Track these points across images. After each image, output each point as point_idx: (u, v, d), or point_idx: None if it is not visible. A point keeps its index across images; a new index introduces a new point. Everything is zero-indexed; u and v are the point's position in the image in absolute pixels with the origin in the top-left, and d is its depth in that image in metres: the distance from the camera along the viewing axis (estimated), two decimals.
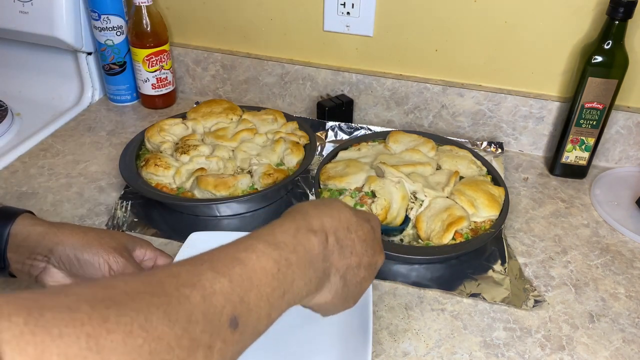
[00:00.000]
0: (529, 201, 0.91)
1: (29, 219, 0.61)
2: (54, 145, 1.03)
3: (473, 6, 0.95)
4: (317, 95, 1.12)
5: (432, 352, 0.65)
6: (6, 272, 0.61)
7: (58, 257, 0.59)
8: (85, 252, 0.59)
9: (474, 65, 1.01)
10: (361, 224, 0.51)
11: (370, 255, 0.51)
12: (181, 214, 0.86)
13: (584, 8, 0.90)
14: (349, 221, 0.50)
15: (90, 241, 0.60)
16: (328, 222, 0.48)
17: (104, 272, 0.60)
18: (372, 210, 0.78)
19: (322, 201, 0.52)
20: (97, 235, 0.61)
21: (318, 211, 0.49)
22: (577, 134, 0.93)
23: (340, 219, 0.50)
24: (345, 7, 1.02)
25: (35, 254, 0.59)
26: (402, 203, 0.80)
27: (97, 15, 1.07)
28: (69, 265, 0.59)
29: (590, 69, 0.86)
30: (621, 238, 0.84)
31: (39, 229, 0.60)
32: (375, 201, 0.79)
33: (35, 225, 0.60)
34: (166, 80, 1.14)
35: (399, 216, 0.79)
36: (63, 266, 0.59)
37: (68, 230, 0.60)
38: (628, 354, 0.65)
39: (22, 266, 0.59)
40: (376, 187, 0.80)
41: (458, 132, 1.07)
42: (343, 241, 0.49)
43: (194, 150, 0.90)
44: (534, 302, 0.71)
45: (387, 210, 0.78)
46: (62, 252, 0.59)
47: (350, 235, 0.50)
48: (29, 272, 0.60)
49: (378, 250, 0.53)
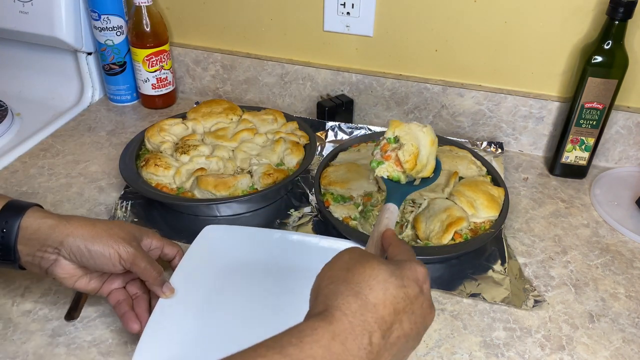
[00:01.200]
0: (528, 201, 0.91)
1: (38, 212, 0.62)
2: (54, 145, 1.03)
3: (473, 6, 0.95)
4: (317, 95, 1.12)
5: (432, 352, 0.65)
6: (16, 264, 0.62)
7: (69, 249, 0.60)
8: (95, 243, 0.60)
9: (474, 65, 1.01)
10: (408, 295, 0.44)
11: (420, 324, 0.46)
12: (181, 214, 0.86)
13: (584, 8, 0.90)
14: (395, 299, 0.43)
15: (100, 232, 0.61)
16: (371, 315, 0.42)
17: (114, 262, 0.61)
18: (400, 157, 0.69)
19: (358, 276, 0.44)
20: (106, 226, 0.62)
21: (358, 301, 0.42)
22: (577, 134, 0.93)
23: (385, 302, 0.43)
24: (345, 7, 1.02)
25: (45, 246, 0.60)
26: (431, 149, 0.69)
27: (97, 15, 1.07)
28: (79, 257, 0.60)
29: (590, 69, 0.86)
30: (621, 238, 0.84)
31: (49, 221, 0.61)
32: (402, 147, 0.68)
33: (45, 218, 0.61)
34: (166, 80, 1.14)
35: (429, 164, 0.70)
36: (74, 257, 0.60)
37: (77, 222, 0.61)
38: (628, 354, 0.65)
39: (33, 259, 0.60)
40: (401, 132, 0.70)
41: (458, 132, 1.07)
42: (391, 332, 0.43)
43: (194, 150, 0.90)
44: (534, 302, 0.71)
45: (417, 157, 0.68)
46: (73, 244, 0.60)
47: (399, 317, 0.43)
48: (39, 265, 0.61)
49: (428, 312, 0.47)
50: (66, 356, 0.63)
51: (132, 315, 0.64)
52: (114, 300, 0.65)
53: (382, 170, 0.69)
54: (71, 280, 0.62)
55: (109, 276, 0.66)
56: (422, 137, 0.69)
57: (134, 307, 0.65)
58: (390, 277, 0.44)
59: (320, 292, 0.45)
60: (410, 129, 0.70)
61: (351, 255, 0.48)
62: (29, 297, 0.70)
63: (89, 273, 0.64)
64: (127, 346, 0.64)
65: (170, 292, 0.65)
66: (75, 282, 0.63)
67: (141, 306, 0.65)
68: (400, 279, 0.45)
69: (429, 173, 0.70)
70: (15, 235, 0.60)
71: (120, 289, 0.66)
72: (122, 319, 0.64)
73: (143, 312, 0.64)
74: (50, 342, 0.65)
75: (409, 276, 0.46)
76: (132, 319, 0.63)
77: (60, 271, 0.61)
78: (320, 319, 0.41)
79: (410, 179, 0.70)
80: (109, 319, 0.67)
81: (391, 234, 0.57)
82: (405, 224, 0.80)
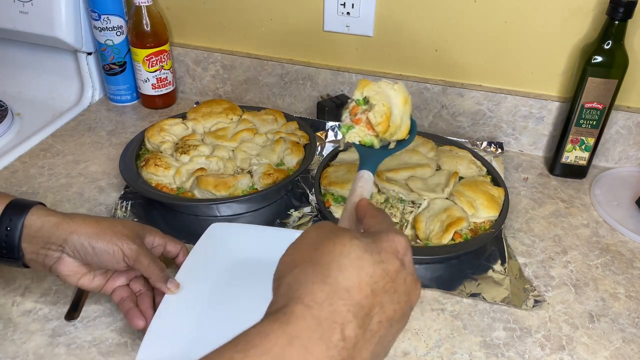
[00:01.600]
0: (529, 201, 0.91)
1: (42, 210, 0.62)
2: (54, 145, 1.03)
3: (473, 6, 0.95)
4: (317, 95, 1.12)
5: (432, 352, 0.65)
6: (20, 262, 0.62)
7: (72, 246, 0.60)
8: (99, 240, 0.60)
9: (474, 65, 1.01)
10: (387, 271, 0.38)
11: (405, 303, 0.40)
12: (181, 214, 0.86)
13: (584, 8, 0.90)
14: (372, 278, 0.37)
15: (104, 229, 0.61)
16: (344, 303, 0.35)
17: (118, 259, 0.61)
18: (370, 120, 0.62)
19: (327, 255, 0.38)
20: (109, 223, 0.63)
21: (326, 287, 0.35)
22: (577, 134, 0.93)
23: (361, 284, 0.36)
24: (345, 7, 1.02)
25: (49, 244, 0.60)
26: (404, 108, 0.64)
27: (97, 15, 1.07)
28: (83, 254, 0.61)
29: (590, 69, 0.86)
30: (621, 238, 0.84)
31: (52, 219, 0.61)
32: (373, 109, 0.62)
33: (48, 216, 0.61)
34: (166, 80, 1.14)
35: (403, 124, 0.64)
36: (78, 255, 0.61)
37: (81, 219, 0.62)
38: (628, 354, 0.65)
39: (37, 256, 0.61)
40: (370, 92, 0.63)
41: (458, 132, 1.07)
42: (370, 319, 0.37)
43: (194, 150, 0.90)
44: (534, 302, 0.71)
45: (389, 117, 0.62)
46: (77, 241, 0.60)
47: (378, 300, 0.37)
48: (43, 262, 0.61)
49: (413, 287, 0.41)
50: (66, 356, 0.63)
51: (137, 312, 0.64)
52: (117, 297, 0.65)
53: (353, 135, 0.63)
54: (75, 277, 0.63)
55: (112, 273, 0.66)
56: (394, 96, 0.63)
57: (138, 304, 0.65)
58: (364, 253, 0.38)
59: (282, 282, 0.38)
60: (380, 87, 0.64)
61: (319, 232, 0.41)
62: (29, 297, 0.70)
63: (92, 270, 0.64)
64: (127, 346, 0.64)
65: (176, 288, 0.65)
66: (79, 279, 0.63)
67: (145, 303, 0.65)
68: (377, 254, 0.39)
69: (403, 135, 0.65)
70: (19, 233, 0.60)
71: (124, 286, 0.66)
72: (126, 315, 0.64)
73: (147, 309, 0.65)
74: (50, 342, 0.65)
75: (387, 249, 0.40)
76: (136, 315, 0.63)
77: (64, 269, 0.61)
78: (274, 319, 0.35)
79: (384, 142, 0.65)
80: (109, 319, 0.67)
81: (366, 204, 0.50)
82: (405, 224, 0.80)
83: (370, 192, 0.56)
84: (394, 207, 0.81)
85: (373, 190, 0.83)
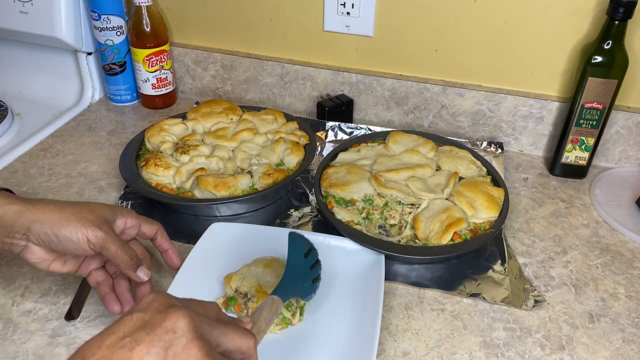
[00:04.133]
0: (528, 201, 0.91)
1: (4, 198, 0.60)
2: (54, 145, 1.03)
3: (473, 6, 0.95)
4: (317, 95, 1.12)
5: (432, 352, 0.65)
6: None
7: (36, 235, 0.58)
8: (62, 228, 0.58)
9: (474, 65, 1.01)
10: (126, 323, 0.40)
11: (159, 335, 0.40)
12: (181, 214, 0.86)
13: (584, 8, 0.90)
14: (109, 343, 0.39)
15: (68, 216, 0.59)
16: None
17: (84, 247, 0.59)
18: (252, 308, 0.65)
19: None
20: (74, 209, 0.60)
21: None
22: (577, 134, 0.93)
23: None
24: (345, 7, 1.02)
25: (13, 233, 0.58)
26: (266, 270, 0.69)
27: (97, 15, 1.07)
28: (48, 242, 0.59)
29: (590, 69, 0.86)
30: (621, 238, 0.84)
31: (14, 207, 0.59)
32: (249, 298, 0.67)
33: (10, 204, 0.59)
34: (166, 80, 1.14)
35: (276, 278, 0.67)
36: (42, 243, 0.59)
37: (44, 206, 0.59)
38: (628, 354, 0.65)
39: (3, 245, 0.59)
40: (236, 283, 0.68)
41: (458, 132, 1.07)
42: None
43: (194, 150, 0.90)
44: (534, 302, 0.71)
45: (262, 289, 0.66)
46: (40, 230, 0.58)
47: None
48: (10, 251, 0.59)
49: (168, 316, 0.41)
50: (66, 356, 0.63)
51: (113, 297, 0.62)
52: (93, 281, 0.64)
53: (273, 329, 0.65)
54: (44, 264, 0.61)
55: (84, 257, 0.64)
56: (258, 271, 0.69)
57: (115, 287, 0.64)
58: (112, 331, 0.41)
59: None
60: (242, 272, 0.69)
61: None
62: (29, 297, 0.70)
63: (62, 256, 0.62)
64: None
65: (146, 276, 0.62)
66: (49, 265, 0.61)
67: (121, 285, 0.64)
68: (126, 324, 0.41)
69: None
70: None
71: (100, 268, 0.64)
72: (102, 301, 0.62)
73: (124, 292, 0.63)
74: (50, 342, 0.65)
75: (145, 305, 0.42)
76: (111, 300, 0.62)
77: (32, 256, 0.60)
78: None
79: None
80: (109, 319, 0.67)
81: None
82: (405, 225, 0.80)
83: None
84: (393, 209, 0.81)
85: (372, 193, 0.83)
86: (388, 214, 0.81)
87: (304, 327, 0.65)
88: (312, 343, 0.63)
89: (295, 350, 0.62)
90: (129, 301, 0.63)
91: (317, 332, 0.64)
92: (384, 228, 0.81)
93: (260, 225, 0.80)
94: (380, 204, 0.82)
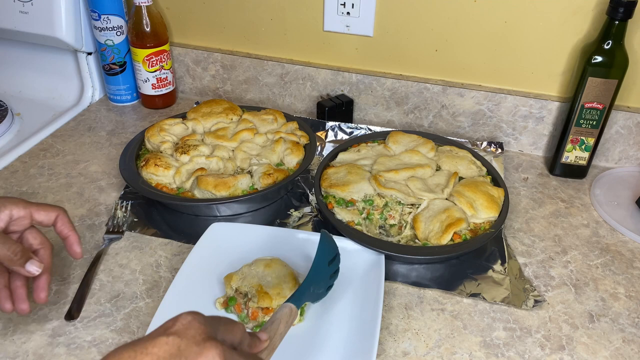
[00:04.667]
0: (528, 201, 0.91)
1: None
2: (54, 145, 1.03)
3: (473, 6, 0.95)
4: (317, 95, 1.12)
5: (432, 352, 0.65)
6: None
7: None
8: None
9: (474, 65, 1.01)
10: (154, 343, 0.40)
11: None
12: (181, 214, 0.86)
13: (584, 8, 0.90)
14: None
15: None
16: None
17: None
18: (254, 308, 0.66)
19: None
20: None
21: None
22: (577, 133, 0.93)
23: None
24: (345, 7, 1.02)
25: None
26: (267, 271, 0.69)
27: (97, 15, 1.07)
28: None
29: (590, 69, 0.86)
30: (621, 238, 0.84)
31: None
32: (250, 298, 0.67)
33: None
34: (166, 80, 1.14)
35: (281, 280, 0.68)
36: None
37: None
38: (628, 354, 0.65)
39: None
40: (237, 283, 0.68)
41: (458, 132, 1.07)
42: None
43: (194, 150, 0.90)
44: (534, 302, 0.71)
45: (264, 290, 0.66)
46: None
47: None
48: None
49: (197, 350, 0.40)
50: (66, 356, 0.63)
51: (5, 294, 0.59)
52: None
53: None
54: None
55: None
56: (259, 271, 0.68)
57: (10, 281, 0.60)
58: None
59: None
60: (242, 272, 0.69)
61: None
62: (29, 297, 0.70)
63: None
64: None
65: (37, 269, 0.59)
66: None
67: (16, 281, 0.60)
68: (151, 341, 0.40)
69: None
70: None
71: None
72: None
73: (19, 288, 0.60)
74: (50, 342, 0.65)
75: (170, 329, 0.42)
76: (2, 298, 0.59)
77: None
78: None
79: None
80: (109, 319, 0.67)
81: None
82: (405, 225, 0.80)
83: None
84: (393, 210, 0.81)
85: (372, 194, 0.83)
86: (388, 214, 0.81)
87: (304, 327, 0.65)
88: (312, 343, 0.63)
89: (295, 350, 0.62)
90: (22, 298, 0.59)
91: (317, 332, 0.64)
92: (384, 228, 0.81)
93: (260, 225, 0.80)
94: (380, 204, 0.82)
